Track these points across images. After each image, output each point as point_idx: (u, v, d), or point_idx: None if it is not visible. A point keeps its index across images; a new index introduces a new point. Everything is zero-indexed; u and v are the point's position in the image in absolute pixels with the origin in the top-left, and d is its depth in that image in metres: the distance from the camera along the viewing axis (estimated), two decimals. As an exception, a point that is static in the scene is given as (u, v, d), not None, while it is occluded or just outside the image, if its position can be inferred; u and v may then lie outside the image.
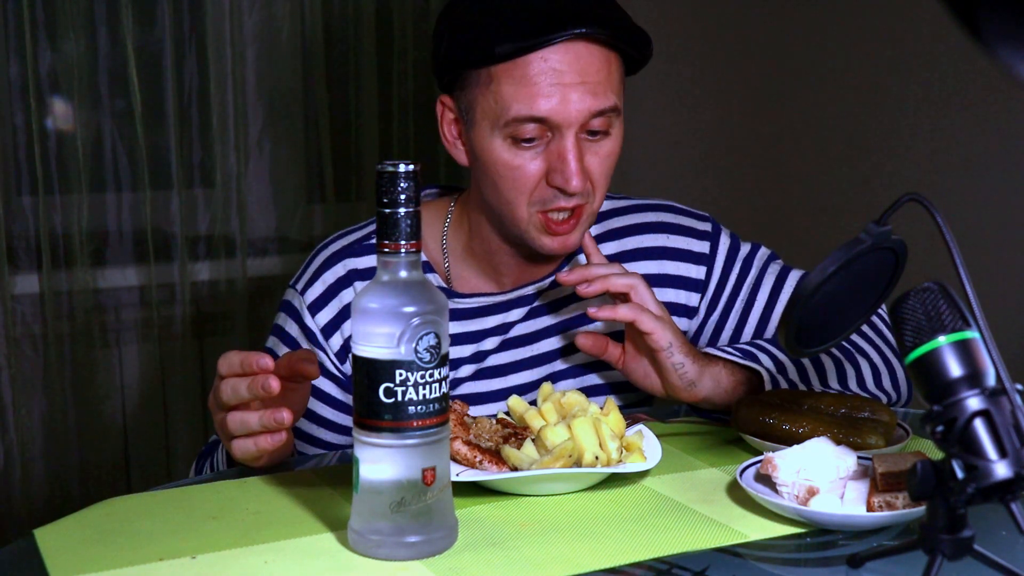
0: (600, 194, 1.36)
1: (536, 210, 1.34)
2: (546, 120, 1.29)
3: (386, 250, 0.97)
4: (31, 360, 2.46)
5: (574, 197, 1.33)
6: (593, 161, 1.33)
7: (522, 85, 1.28)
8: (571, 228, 1.36)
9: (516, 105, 1.29)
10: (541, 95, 1.28)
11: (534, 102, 1.28)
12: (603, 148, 1.34)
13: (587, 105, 1.29)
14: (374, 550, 0.97)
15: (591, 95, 1.29)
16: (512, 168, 1.32)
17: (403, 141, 2.77)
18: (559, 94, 1.28)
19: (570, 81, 1.28)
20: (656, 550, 1.00)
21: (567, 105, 1.28)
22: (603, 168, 1.35)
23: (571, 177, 1.30)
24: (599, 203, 1.38)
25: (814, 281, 0.98)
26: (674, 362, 1.30)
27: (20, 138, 2.44)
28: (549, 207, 1.33)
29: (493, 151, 1.33)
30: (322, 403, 1.42)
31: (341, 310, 1.42)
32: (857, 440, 1.18)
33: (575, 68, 1.28)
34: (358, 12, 2.70)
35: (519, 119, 1.29)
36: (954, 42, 2.24)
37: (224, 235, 2.63)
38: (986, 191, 2.32)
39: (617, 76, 1.34)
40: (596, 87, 1.30)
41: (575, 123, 1.30)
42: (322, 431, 1.42)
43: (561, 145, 1.30)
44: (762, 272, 1.50)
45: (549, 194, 1.33)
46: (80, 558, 0.99)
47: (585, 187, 1.33)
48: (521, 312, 1.46)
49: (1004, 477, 0.79)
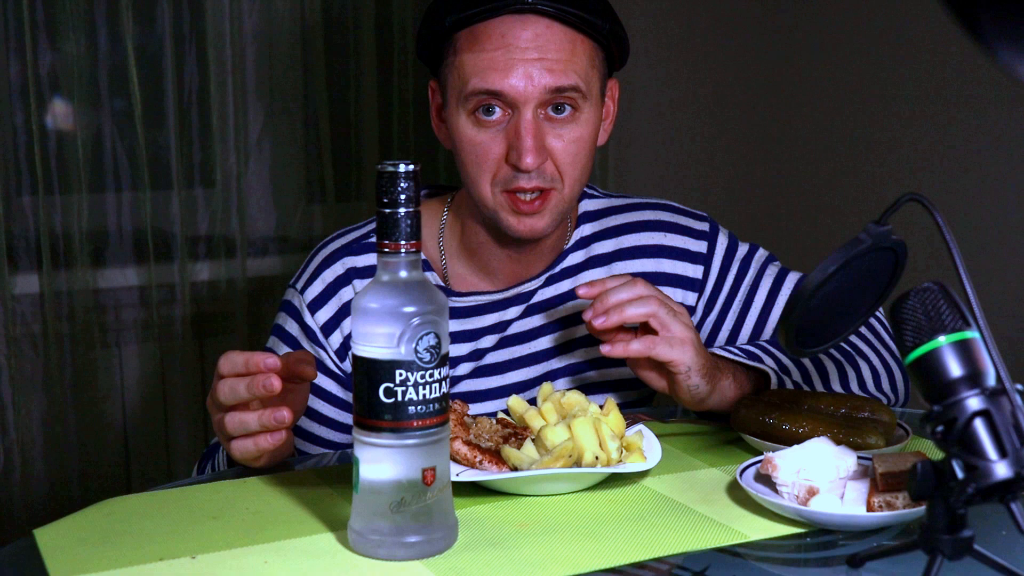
0: (570, 182, 1.34)
1: (500, 190, 1.34)
2: (502, 95, 1.29)
3: (386, 250, 0.97)
4: (31, 360, 2.46)
5: (534, 178, 1.32)
6: (558, 145, 1.32)
7: (480, 60, 1.30)
8: (536, 210, 1.34)
9: (474, 79, 1.30)
10: (497, 69, 1.29)
11: (490, 76, 1.29)
12: (569, 132, 1.33)
13: (544, 81, 1.29)
14: (374, 550, 0.97)
15: (548, 72, 1.29)
16: (475, 145, 1.33)
17: (403, 141, 2.77)
18: (515, 69, 1.29)
19: (528, 57, 1.29)
20: (656, 550, 1.00)
21: (523, 80, 1.29)
22: (570, 153, 1.33)
23: (523, 153, 1.29)
24: (570, 191, 1.35)
25: (814, 281, 0.98)
26: (689, 384, 1.27)
27: (20, 138, 2.44)
28: (511, 187, 1.33)
29: (459, 128, 1.34)
30: (322, 401, 1.42)
31: (341, 308, 1.42)
32: (857, 440, 1.18)
33: (534, 44, 1.29)
34: (358, 12, 2.70)
35: (477, 92, 1.30)
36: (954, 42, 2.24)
37: (224, 235, 2.63)
38: (986, 191, 2.32)
39: (584, 59, 1.32)
40: (555, 64, 1.29)
41: (532, 99, 1.29)
42: (322, 429, 1.42)
43: (518, 122, 1.30)
44: (760, 273, 1.50)
45: (509, 174, 1.32)
46: (80, 558, 0.99)
47: (547, 169, 1.32)
48: (518, 310, 1.46)
49: (1004, 477, 0.79)
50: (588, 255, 1.49)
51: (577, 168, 1.35)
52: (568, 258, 1.48)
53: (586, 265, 1.48)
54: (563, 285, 1.47)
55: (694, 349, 1.26)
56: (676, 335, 1.25)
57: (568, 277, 1.48)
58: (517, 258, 1.45)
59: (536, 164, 1.30)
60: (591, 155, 1.37)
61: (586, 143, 1.35)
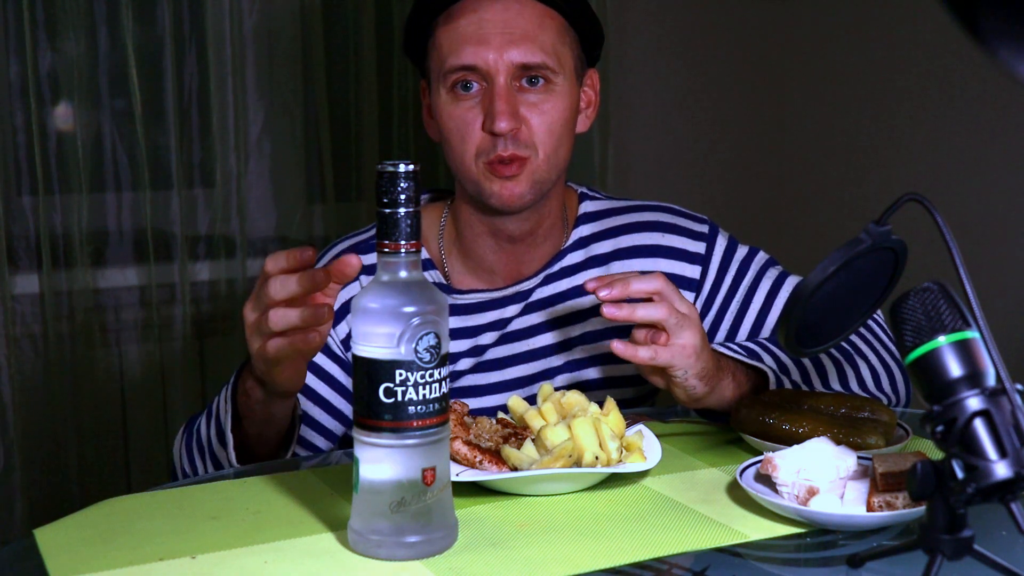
0: (544, 151, 1.38)
1: (482, 161, 1.38)
2: (476, 68, 1.36)
3: (386, 250, 0.97)
4: (31, 360, 2.46)
5: (510, 145, 1.36)
6: (533, 115, 1.38)
7: (454, 38, 1.37)
8: (513, 173, 1.37)
9: (451, 57, 1.37)
10: (469, 44, 1.36)
11: (462, 50, 1.36)
12: (543, 103, 1.38)
13: (511, 56, 1.36)
14: (374, 550, 0.97)
15: (515, 46, 1.36)
16: (454, 118, 1.39)
17: (403, 141, 2.77)
18: (487, 42, 1.36)
19: (495, 31, 1.36)
20: (656, 550, 1.00)
21: (490, 53, 1.35)
22: (545, 125, 1.38)
23: (497, 117, 1.35)
24: (545, 162, 1.39)
25: (814, 281, 0.98)
26: (686, 386, 1.28)
27: (20, 138, 2.44)
28: (491, 156, 1.37)
29: (441, 106, 1.40)
30: (321, 381, 1.44)
31: (347, 301, 1.43)
32: (857, 440, 1.18)
33: (501, 19, 1.36)
34: (358, 12, 2.70)
35: (453, 68, 1.37)
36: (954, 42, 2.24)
37: (224, 235, 2.63)
38: (986, 191, 2.32)
39: (553, 35, 1.39)
40: (521, 40, 1.36)
41: (501, 71, 1.36)
42: (317, 410, 1.44)
43: (492, 91, 1.36)
44: (759, 275, 1.50)
45: (489, 143, 1.37)
46: (80, 558, 0.99)
47: (522, 136, 1.37)
48: (516, 308, 1.47)
49: (1004, 477, 0.79)
50: (587, 255, 1.50)
51: (552, 139, 1.39)
52: (566, 258, 1.49)
53: (584, 265, 1.49)
54: (561, 284, 1.48)
55: (696, 356, 1.25)
56: (681, 343, 1.24)
57: (566, 276, 1.49)
58: (514, 256, 1.47)
59: (510, 127, 1.35)
60: (567, 132, 1.42)
61: (561, 116, 1.40)
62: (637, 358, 1.24)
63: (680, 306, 1.25)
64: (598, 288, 1.25)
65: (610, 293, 1.25)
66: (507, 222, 1.44)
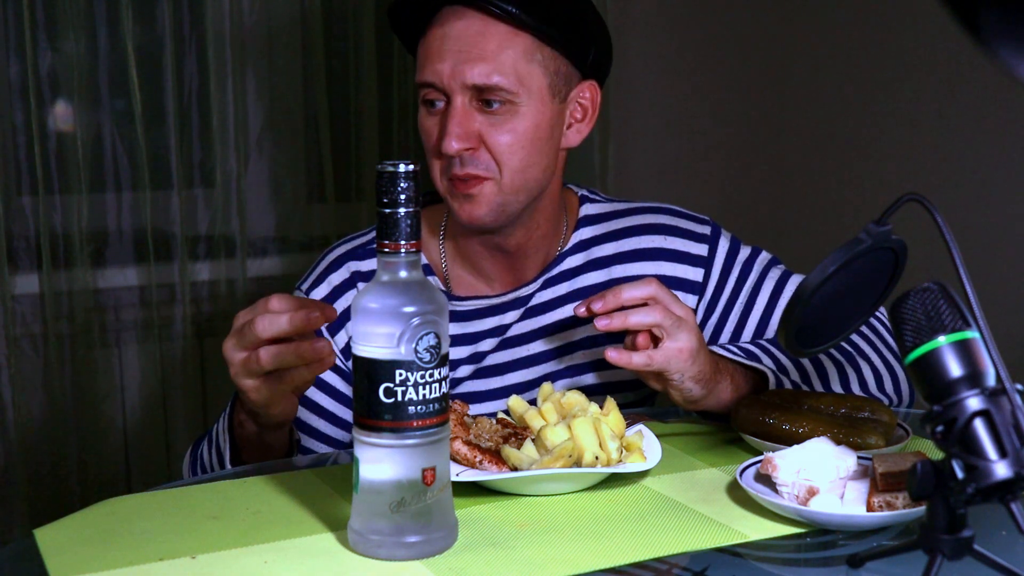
0: (509, 172, 1.36)
1: (446, 178, 1.38)
2: (434, 84, 1.35)
3: (386, 250, 0.97)
4: (31, 360, 2.46)
5: (467, 166, 1.35)
6: (493, 136, 1.35)
7: (423, 51, 1.38)
8: (471, 192, 1.36)
9: (419, 71, 1.38)
10: (430, 60, 1.36)
11: (426, 67, 1.36)
12: (505, 125, 1.35)
13: (463, 75, 1.33)
14: (374, 550, 0.97)
15: (468, 67, 1.33)
16: (424, 131, 1.40)
17: (403, 141, 2.77)
18: (444, 60, 1.34)
19: (454, 49, 1.34)
20: (656, 550, 1.00)
21: (445, 72, 1.34)
22: (505, 144, 1.35)
23: (445, 137, 1.34)
24: (511, 182, 1.36)
25: (814, 281, 0.98)
26: (683, 389, 1.27)
27: (20, 138, 2.44)
28: (451, 173, 1.36)
29: (419, 118, 1.41)
30: (323, 394, 1.43)
31: (346, 309, 1.43)
32: (857, 440, 1.18)
33: (462, 37, 1.34)
34: (358, 12, 2.70)
35: (420, 84, 1.38)
36: (954, 42, 2.24)
37: (224, 235, 2.63)
38: (986, 191, 2.32)
39: (517, 56, 1.34)
40: (477, 60, 1.33)
41: (455, 91, 1.34)
42: (321, 422, 1.43)
43: (447, 109, 1.36)
44: (762, 276, 1.50)
45: (447, 161, 1.37)
46: (80, 558, 0.99)
47: (481, 158, 1.35)
48: (516, 314, 1.47)
49: (1004, 477, 0.79)
50: (587, 258, 1.49)
51: (515, 159, 1.36)
52: (565, 261, 1.49)
53: (585, 268, 1.49)
54: (560, 288, 1.47)
55: (692, 359, 1.25)
56: (677, 346, 1.24)
57: (565, 280, 1.48)
58: (507, 264, 1.47)
59: (458, 149, 1.34)
60: (537, 151, 1.38)
61: (525, 136, 1.36)
62: (632, 364, 1.24)
63: (676, 309, 1.25)
64: (589, 305, 1.25)
65: (603, 305, 1.24)
66: (493, 235, 1.43)
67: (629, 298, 1.24)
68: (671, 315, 1.24)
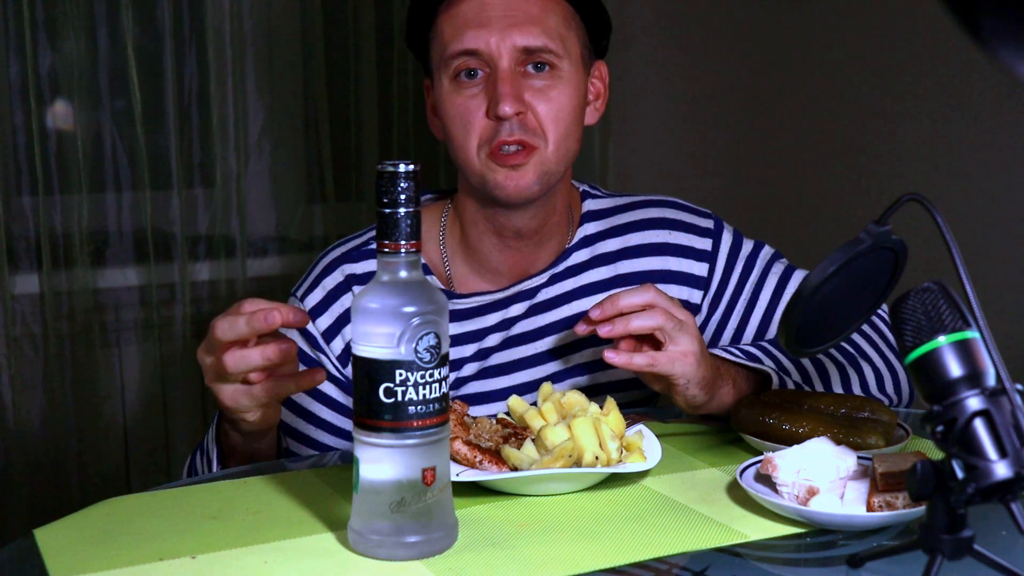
0: (554, 139, 1.36)
1: (486, 152, 1.35)
2: (479, 53, 1.34)
3: (386, 250, 0.97)
4: (31, 360, 2.46)
5: (516, 130, 1.34)
6: (539, 102, 1.35)
7: (456, 23, 1.36)
8: (520, 162, 1.35)
9: (453, 42, 1.35)
10: (470, 28, 1.34)
11: (464, 35, 1.34)
12: (550, 89, 1.36)
13: (513, 39, 1.33)
14: (374, 550, 0.97)
15: (516, 30, 1.34)
16: (457, 106, 1.36)
17: (403, 141, 2.77)
18: (489, 26, 1.34)
19: (496, 15, 1.34)
20: (656, 550, 1.00)
21: (492, 37, 1.33)
22: (552, 111, 1.35)
23: (501, 100, 1.32)
24: (554, 152, 1.36)
25: (814, 281, 0.98)
26: (687, 394, 1.27)
27: (20, 138, 2.44)
28: (495, 142, 1.34)
29: (443, 95, 1.38)
30: (322, 404, 1.42)
31: (341, 314, 1.42)
32: (857, 440, 1.18)
33: (504, 3, 1.35)
34: (358, 12, 2.70)
35: (455, 54, 1.35)
36: (954, 42, 2.24)
37: (224, 235, 2.63)
38: (986, 191, 2.32)
39: (557, 19, 1.36)
40: (524, 24, 1.34)
41: (504, 55, 1.33)
42: (320, 432, 1.42)
43: (496, 75, 1.34)
44: (765, 271, 1.50)
45: (492, 129, 1.35)
46: (80, 558, 0.99)
47: (529, 122, 1.34)
48: (521, 308, 1.46)
49: (1004, 477, 0.79)
50: (592, 253, 1.49)
51: (560, 127, 1.36)
52: (572, 256, 1.48)
53: (590, 264, 1.48)
54: (567, 284, 1.47)
55: (696, 362, 1.25)
56: (680, 349, 1.24)
57: (572, 276, 1.47)
58: (518, 252, 1.45)
59: (514, 110, 1.33)
60: (575, 121, 1.39)
61: (568, 103, 1.37)
62: (632, 364, 1.24)
63: (676, 312, 1.25)
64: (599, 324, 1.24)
65: (601, 313, 1.24)
66: (513, 217, 1.41)
67: (627, 304, 1.24)
68: (672, 319, 1.24)
